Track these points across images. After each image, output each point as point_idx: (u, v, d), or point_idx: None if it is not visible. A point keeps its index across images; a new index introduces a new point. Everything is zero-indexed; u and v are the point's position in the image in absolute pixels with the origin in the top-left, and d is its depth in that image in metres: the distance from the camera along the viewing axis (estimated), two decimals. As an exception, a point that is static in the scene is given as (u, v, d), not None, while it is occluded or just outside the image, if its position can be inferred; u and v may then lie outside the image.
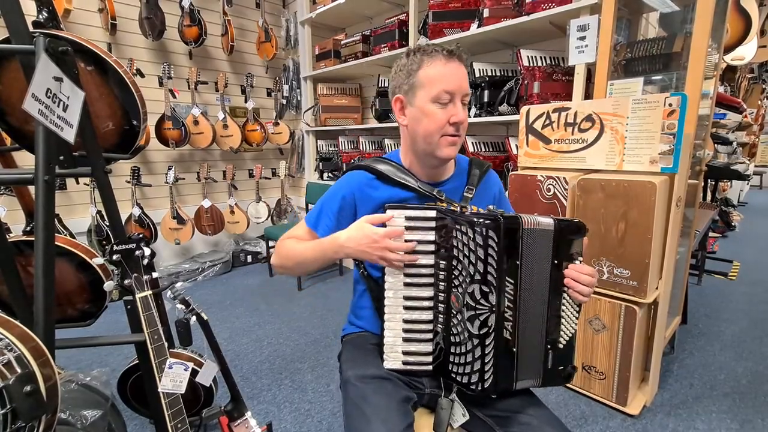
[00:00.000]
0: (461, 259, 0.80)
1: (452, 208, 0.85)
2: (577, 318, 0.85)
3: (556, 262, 0.81)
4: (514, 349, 0.80)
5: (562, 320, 0.84)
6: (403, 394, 0.84)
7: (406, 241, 0.83)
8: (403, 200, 0.93)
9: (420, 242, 0.84)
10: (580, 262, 0.83)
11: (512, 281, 0.78)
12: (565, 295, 0.83)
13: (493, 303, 0.77)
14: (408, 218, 0.83)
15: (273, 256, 0.99)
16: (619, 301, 1.51)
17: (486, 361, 0.79)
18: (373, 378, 0.86)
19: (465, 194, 0.98)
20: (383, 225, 0.83)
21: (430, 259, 0.85)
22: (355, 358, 0.94)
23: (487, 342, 0.78)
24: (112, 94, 1.14)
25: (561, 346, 0.84)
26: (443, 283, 0.84)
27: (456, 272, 0.81)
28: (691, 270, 2.58)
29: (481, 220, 0.76)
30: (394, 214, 0.83)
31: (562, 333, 0.84)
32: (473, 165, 1.03)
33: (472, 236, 0.77)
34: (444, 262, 0.83)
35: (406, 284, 0.86)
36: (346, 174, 0.99)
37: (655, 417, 1.57)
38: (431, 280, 0.85)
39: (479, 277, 0.77)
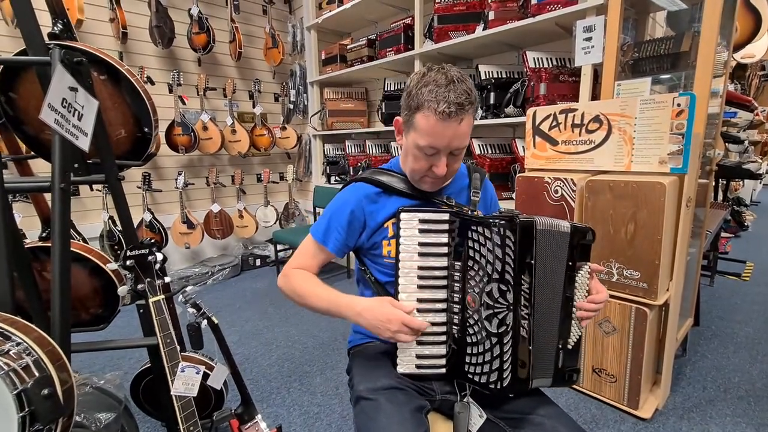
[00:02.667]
0: (478, 259, 0.81)
1: (464, 210, 0.90)
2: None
3: (570, 263, 0.83)
4: (530, 347, 0.80)
5: (573, 321, 0.85)
6: (415, 404, 0.84)
7: (419, 243, 0.85)
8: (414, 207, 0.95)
9: (433, 245, 0.86)
10: (589, 268, 0.85)
11: (527, 280, 0.79)
12: (576, 296, 0.84)
13: (511, 301, 0.79)
14: (421, 221, 0.85)
15: (282, 279, 0.96)
16: (629, 303, 1.50)
17: (504, 359, 0.79)
18: (385, 389, 0.85)
19: (472, 198, 1.00)
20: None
21: (443, 262, 0.86)
22: (365, 371, 0.93)
23: (505, 340, 0.79)
24: (125, 102, 1.17)
25: (570, 347, 0.85)
26: (458, 284, 0.85)
27: (472, 272, 0.83)
28: (703, 271, 2.54)
29: (498, 220, 0.79)
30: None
31: (571, 334, 0.85)
32: (472, 170, 1.05)
33: (489, 236, 0.79)
34: (458, 264, 0.85)
35: (420, 287, 0.86)
36: (352, 185, 0.98)
37: (667, 421, 1.55)
38: (445, 282, 0.86)
39: (497, 276, 0.79)
